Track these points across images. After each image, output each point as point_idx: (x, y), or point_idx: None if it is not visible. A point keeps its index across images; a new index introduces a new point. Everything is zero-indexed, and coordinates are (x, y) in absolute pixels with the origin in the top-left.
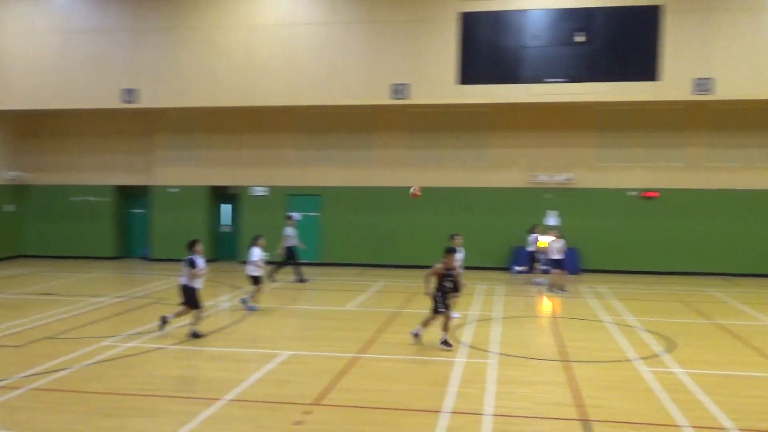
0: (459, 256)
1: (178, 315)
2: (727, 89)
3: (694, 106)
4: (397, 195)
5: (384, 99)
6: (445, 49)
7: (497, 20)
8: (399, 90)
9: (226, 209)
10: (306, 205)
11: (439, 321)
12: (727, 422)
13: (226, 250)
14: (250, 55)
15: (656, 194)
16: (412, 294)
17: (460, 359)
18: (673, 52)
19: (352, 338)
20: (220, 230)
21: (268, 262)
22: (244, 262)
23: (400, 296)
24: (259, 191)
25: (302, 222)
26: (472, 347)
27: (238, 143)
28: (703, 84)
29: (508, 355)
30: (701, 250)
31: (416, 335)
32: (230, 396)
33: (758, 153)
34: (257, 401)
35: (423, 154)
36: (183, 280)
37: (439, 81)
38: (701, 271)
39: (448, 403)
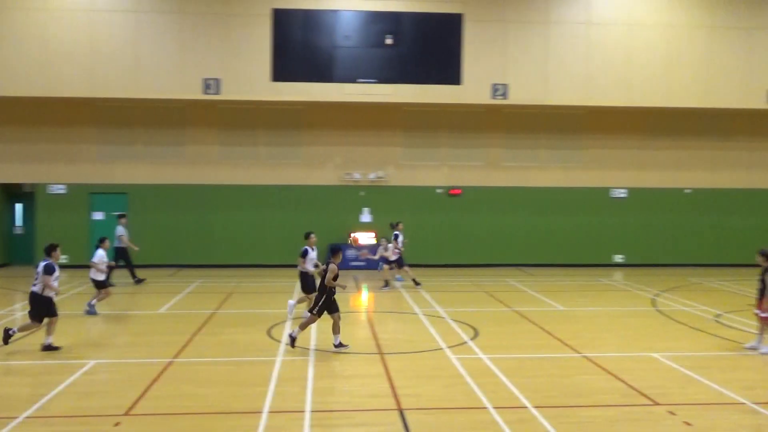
0: (313, 254)
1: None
2: (519, 95)
3: (492, 109)
4: (211, 193)
5: (196, 94)
6: (259, 45)
7: (310, 19)
8: (211, 85)
9: (19, 209)
10: (111, 204)
11: (312, 323)
12: (525, 401)
13: (20, 254)
14: (45, 40)
15: (459, 192)
16: (229, 294)
17: (278, 358)
18: (473, 58)
19: (165, 342)
20: (13, 232)
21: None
22: None
23: (217, 297)
24: (59, 189)
25: (107, 222)
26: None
27: (32, 136)
28: (499, 89)
29: (326, 351)
30: (501, 243)
31: (293, 338)
32: (28, 413)
33: (548, 154)
34: (60, 416)
35: (237, 150)
36: (36, 289)
37: (252, 77)
38: (501, 263)
39: (268, 403)
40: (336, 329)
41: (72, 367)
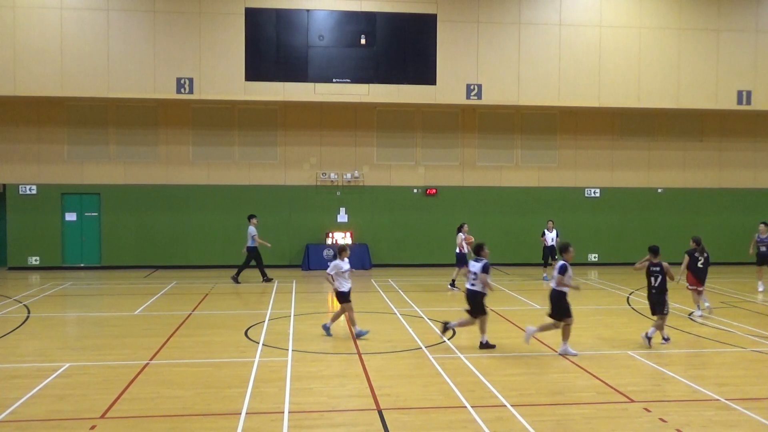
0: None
1: None
2: (493, 95)
3: (466, 109)
4: (186, 193)
5: (169, 93)
6: (232, 44)
7: (283, 18)
8: (184, 84)
9: None
10: (84, 205)
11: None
12: (503, 399)
13: None
14: (14, 39)
15: (434, 191)
16: (205, 295)
17: (256, 359)
18: (447, 59)
19: (141, 344)
20: None
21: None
22: (13, 268)
23: (193, 298)
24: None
25: (79, 223)
26: (268, 346)
27: (1, 136)
28: (473, 89)
29: (304, 352)
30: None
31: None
32: (1, 417)
33: (523, 154)
34: (33, 420)
35: (211, 151)
36: (477, 288)
37: (226, 76)
38: None
39: (246, 404)
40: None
41: (46, 370)
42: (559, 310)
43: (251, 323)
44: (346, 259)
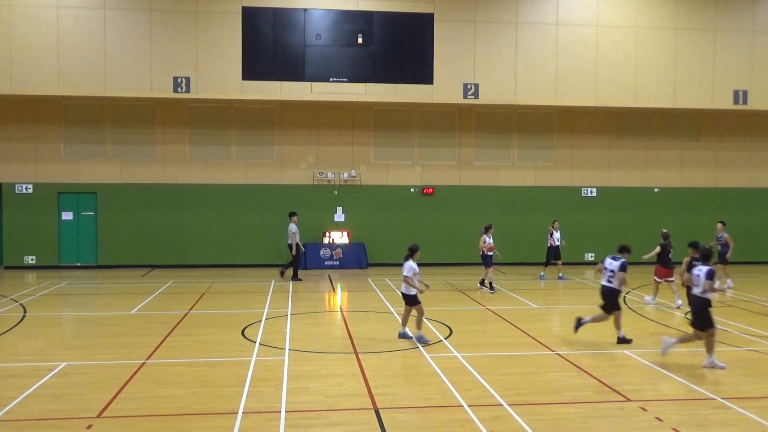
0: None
1: None
2: (490, 94)
3: (463, 109)
4: (183, 192)
5: (166, 92)
6: (229, 43)
7: (280, 17)
8: (181, 83)
9: None
10: (80, 204)
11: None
12: (499, 399)
13: None
14: (11, 37)
15: (431, 191)
16: (202, 294)
17: (253, 358)
18: (444, 58)
19: (138, 344)
20: None
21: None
22: (9, 267)
23: (190, 297)
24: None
25: (76, 222)
26: (265, 345)
27: None
28: (470, 89)
29: (301, 351)
30: (473, 242)
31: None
32: None
33: (519, 153)
34: (30, 419)
35: (208, 150)
36: (614, 285)
37: (223, 75)
38: (474, 262)
39: (243, 403)
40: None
41: (42, 369)
42: (703, 319)
43: (248, 322)
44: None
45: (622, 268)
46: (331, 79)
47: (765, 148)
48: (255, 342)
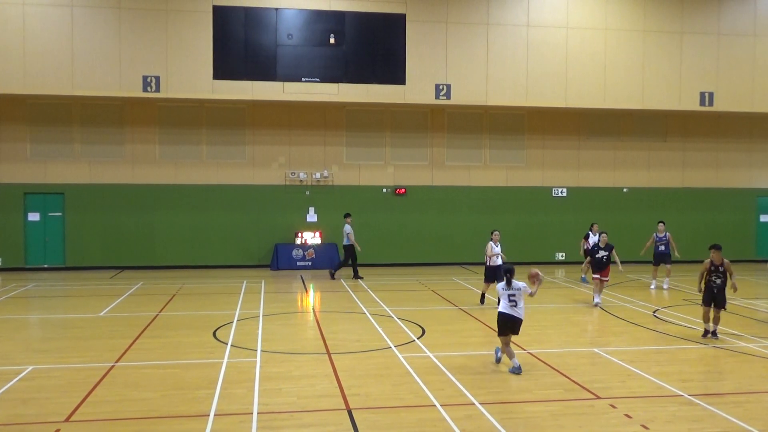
0: None
1: None
2: (462, 95)
3: (435, 109)
4: (153, 193)
5: (135, 91)
6: (200, 42)
7: (252, 16)
8: (151, 82)
9: None
10: (47, 205)
11: None
12: (472, 398)
13: None
14: None
15: (403, 191)
16: (172, 296)
17: (225, 360)
18: (416, 58)
19: (107, 346)
20: None
21: None
22: None
23: (160, 299)
24: None
25: (43, 223)
26: (236, 346)
27: None
28: (442, 89)
29: (273, 352)
30: (446, 242)
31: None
32: None
33: (491, 154)
34: None
35: (179, 150)
36: None
37: (194, 75)
38: (447, 262)
39: (214, 406)
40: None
41: (8, 373)
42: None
43: (219, 324)
44: None
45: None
46: (302, 79)
47: (730, 149)
48: (226, 343)
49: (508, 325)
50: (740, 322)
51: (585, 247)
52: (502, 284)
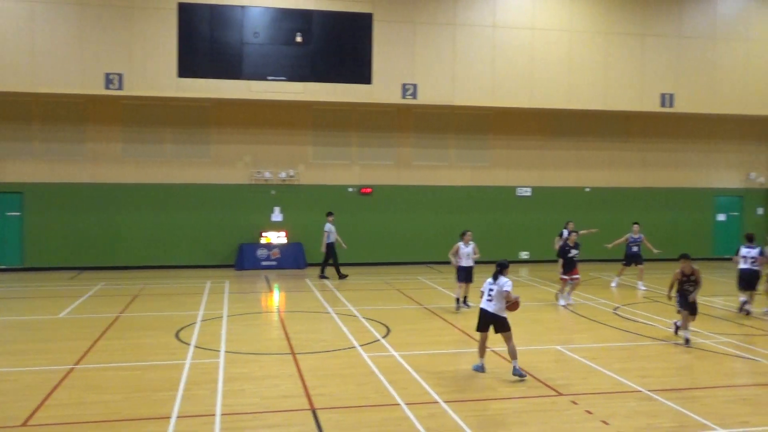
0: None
1: None
2: (428, 95)
3: (402, 109)
4: (115, 192)
5: (97, 89)
6: (164, 39)
7: (217, 14)
8: (113, 80)
9: None
10: (4, 204)
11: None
12: (436, 396)
13: None
14: None
15: (369, 190)
16: (134, 297)
17: (187, 361)
18: (383, 58)
19: (67, 348)
20: None
21: None
22: None
23: (121, 299)
24: None
25: (0, 223)
26: (200, 347)
27: None
28: (408, 89)
29: (237, 353)
30: (411, 241)
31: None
32: None
33: (457, 153)
34: None
35: (142, 148)
36: None
37: (157, 72)
38: (412, 261)
39: (177, 407)
40: None
41: None
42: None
43: (182, 325)
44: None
45: (761, 253)
46: (269, 78)
47: (689, 150)
48: (189, 344)
49: (482, 321)
50: (698, 319)
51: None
52: (490, 279)
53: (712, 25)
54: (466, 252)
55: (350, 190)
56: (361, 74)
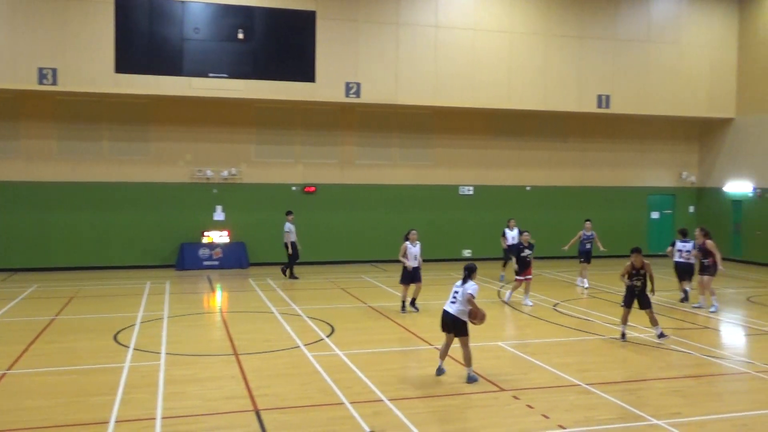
0: None
1: None
2: (372, 94)
3: (345, 108)
4: (49, 191)
5: (30, 84)
6: (100, 34)
7: (156, 8)
8: (47, 75)
9: None
10: None
11: None
12: (380, 394)
13: None
14: None
15: (313, 189)
16: (70, 299)
17: (126, 364)
18: (326, 56)
19: None
20: None
21: None
22: None
23: (56, 302)
24: None
25: None
26: (139, 350)
27: None
28: (352, 88)
29: (178, 355)
30: (355, 240)
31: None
32: None
33: (400, 152)
34: None
35: (78, 146)
36: None
37: (94, 68)
38: (356, 260)
39: (115, 412)
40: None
41: None
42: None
43: (121, 327)
44: None
45: (695, 247)
46: (210, 75)
47: (625, 150)
48: (128, 347)
49: (445, 321)
50: (634, 313)
51: (505, 245)
52: (459, 281)
53: (645, 29)
54: (414, 252)
55: (294, 189)
56: (305, 72)
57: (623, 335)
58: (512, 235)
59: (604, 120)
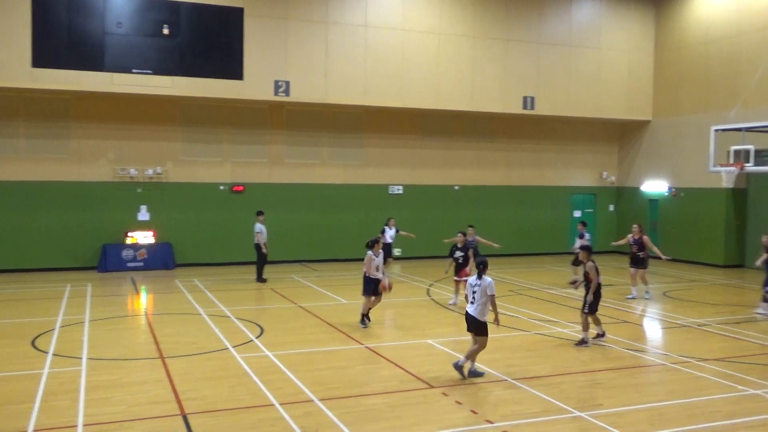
0: None
1: None
2: (301, 92)
3: (274, 106)
4: None
5: None
6: (16, 26)
7: (76, 1)
8: None
9: None
10: None
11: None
12: (311, 395)
13: None
14: None
15: (241, 188)
16: (22, 300)
17: (45, 370)
18: (254, 54)
19: None
20: None
21: None
22: None
23: None
24: None
25: None
26: (59, 355)
27: None
28: (281, 86)
29: (100, 359)
30: (284, 239)
31: None
32: None
33: (330, 152)
34: None
35: None
36: None
37: (9, 61)
38: (285, 259)
39: (33, 420)
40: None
41: None
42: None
43: (39, 332)
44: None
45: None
46: (133, 71)
47: (549, 150)
48: (47, 352)
49: (468, 323)
50: (555, 309)
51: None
52: (474, 277)
53: (568, 33)
54: (377, 263)
55: (222, 188)
56: (232, 70)
57: (584, 341)
58: (390, 234)
59: (529, 121)
